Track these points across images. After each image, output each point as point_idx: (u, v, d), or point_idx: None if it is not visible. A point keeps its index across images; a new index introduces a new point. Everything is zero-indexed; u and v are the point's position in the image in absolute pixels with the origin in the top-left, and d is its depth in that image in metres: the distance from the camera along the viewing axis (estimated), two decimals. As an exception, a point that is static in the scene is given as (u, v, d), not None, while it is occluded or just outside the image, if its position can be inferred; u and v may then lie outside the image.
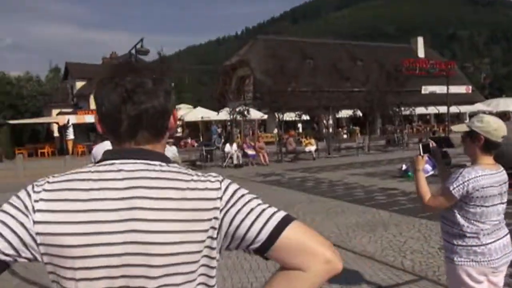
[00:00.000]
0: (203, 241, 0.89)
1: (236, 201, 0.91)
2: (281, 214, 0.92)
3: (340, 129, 31.76)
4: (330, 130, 25.14)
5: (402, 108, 22.20)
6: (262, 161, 16.39)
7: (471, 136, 2.36)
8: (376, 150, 21.12)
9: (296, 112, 20.35)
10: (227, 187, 0.93)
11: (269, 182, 11.78)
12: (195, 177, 0.93)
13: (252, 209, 0.91)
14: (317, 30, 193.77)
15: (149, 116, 0.92)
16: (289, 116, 20.73)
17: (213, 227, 0.90)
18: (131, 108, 0.91)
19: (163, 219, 0.86)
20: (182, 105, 34.75)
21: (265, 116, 25.45)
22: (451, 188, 2.26)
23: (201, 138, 28.63)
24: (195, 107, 31.23)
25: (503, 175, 2.36)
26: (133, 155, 0.92)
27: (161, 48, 21.07)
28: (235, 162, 16.06)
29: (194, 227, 0.88)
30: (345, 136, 30.14)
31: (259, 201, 0.93)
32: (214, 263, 0.93)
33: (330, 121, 25.34)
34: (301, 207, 8.19)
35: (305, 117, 23.23)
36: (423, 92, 34.93)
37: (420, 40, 42.84)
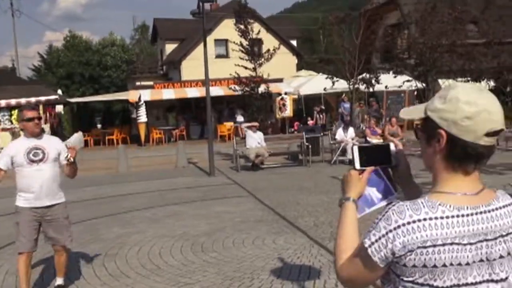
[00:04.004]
0: None
1: None
2: None
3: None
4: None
5: None
6: (394, 154, 15.75)
7: (426, 129, 1.62)
8: None
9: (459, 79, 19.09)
10: None
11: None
12: None
13: None
14: None
15: None
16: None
17: None
18: None
19: None
20: (302, 72, 35.24)
21: (418, 85, 24.24)
22: (366, 243, 1.54)
23: (329, 119, 28.64)
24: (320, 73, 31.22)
25: (498, 217, 1.54)
26: None
27: None
28: (350, 156, 15.77)
29: None
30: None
31: None
32: None
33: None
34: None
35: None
36: None
37: None
